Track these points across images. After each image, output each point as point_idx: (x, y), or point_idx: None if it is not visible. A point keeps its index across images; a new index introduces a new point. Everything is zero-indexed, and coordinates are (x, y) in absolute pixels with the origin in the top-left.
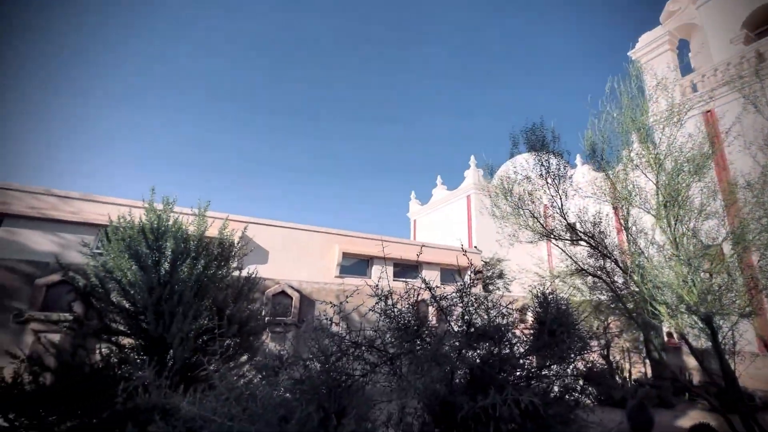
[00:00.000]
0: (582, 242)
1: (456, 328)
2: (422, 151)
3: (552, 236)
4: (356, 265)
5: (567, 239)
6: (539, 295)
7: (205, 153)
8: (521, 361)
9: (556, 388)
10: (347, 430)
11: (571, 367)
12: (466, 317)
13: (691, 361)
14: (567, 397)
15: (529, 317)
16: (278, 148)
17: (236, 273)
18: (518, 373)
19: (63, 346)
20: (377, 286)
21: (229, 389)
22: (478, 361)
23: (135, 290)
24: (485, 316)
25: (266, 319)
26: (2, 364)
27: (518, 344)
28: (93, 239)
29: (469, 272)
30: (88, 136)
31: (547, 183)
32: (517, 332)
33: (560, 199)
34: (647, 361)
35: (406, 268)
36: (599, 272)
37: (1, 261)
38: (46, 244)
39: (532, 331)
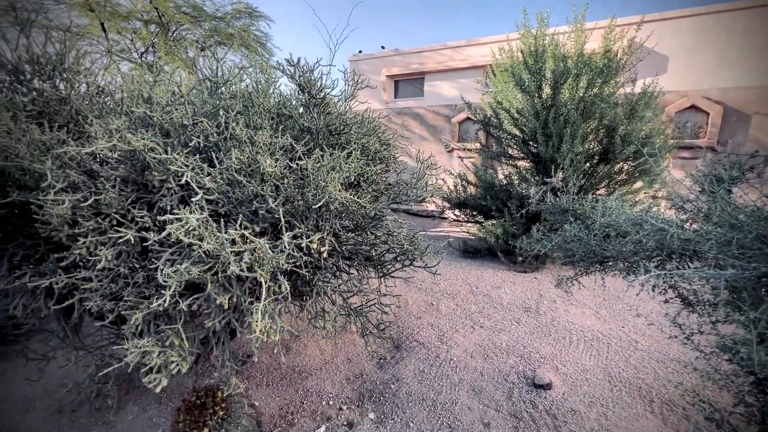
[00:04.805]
0: None
1: None
2: None
3: None
4: None
5: None
6: None
7: None
8: None
9: None
10: None
11: None
12: None
13: None
14: None
15: None
16: None
17: (626, 89)
18: None
19: (478, 168)
20: None
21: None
22: None
23: (522, 117)
24: None
25: (669, 141)
26: (445, 179)
27: None
28: (482, 79)
29: None
30: None
31: None
32: None
33: None
34: None
35: None
36: None
37: (431, 107)
38: (451, 90)
39: None
